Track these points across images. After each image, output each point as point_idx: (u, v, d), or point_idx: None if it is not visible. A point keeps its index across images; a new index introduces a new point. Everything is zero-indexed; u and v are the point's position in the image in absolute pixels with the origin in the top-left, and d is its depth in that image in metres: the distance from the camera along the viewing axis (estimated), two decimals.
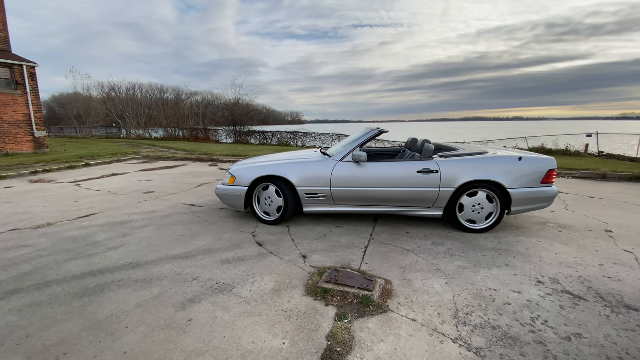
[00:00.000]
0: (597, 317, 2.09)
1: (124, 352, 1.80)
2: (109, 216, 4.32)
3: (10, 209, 4.69)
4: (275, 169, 3.81)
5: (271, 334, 1.94)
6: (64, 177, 7.45)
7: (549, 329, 1.98)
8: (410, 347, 1.83)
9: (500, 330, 1.97)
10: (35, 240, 3.47)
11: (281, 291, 2.41)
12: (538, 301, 2.28)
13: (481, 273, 2.71)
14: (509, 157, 3.61)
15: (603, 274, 2.68)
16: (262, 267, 2.80)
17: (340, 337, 1.90)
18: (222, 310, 2.17)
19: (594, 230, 3.71)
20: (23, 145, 13.06)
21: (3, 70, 12.12)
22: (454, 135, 38.57)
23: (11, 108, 12.49)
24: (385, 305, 2.24)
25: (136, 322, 2.05)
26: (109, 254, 3.08)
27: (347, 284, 2.42)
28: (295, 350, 1.80)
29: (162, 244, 3.32)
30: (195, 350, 1.80)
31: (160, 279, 2.61)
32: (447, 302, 2.27)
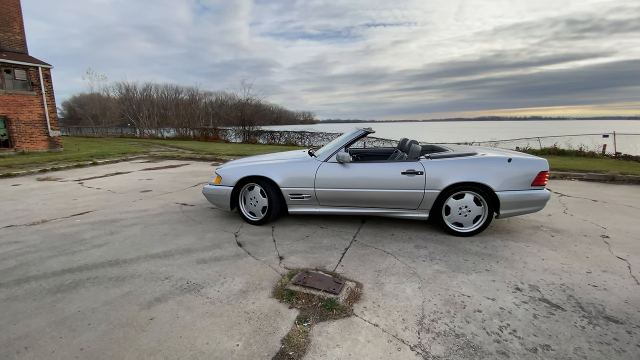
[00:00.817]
0: (571, 328, 1.99)
1: (80, 348, 1.82)
2: (102, 214, 4.42)
3: (11, 206, 4.86)
4: (259, 169, 3.80)
5: (227, 335, 1.93)
6: (70, 176, 7.69)
7: (515, 339, 1.90)
8: (365, 354, 1.78)
9: (464, 338, 1.90)
10: (27, 236, 3.58)
11: (248, 292, 2.40)
12: (511, 309, 2.19)
13: (458, 278, 2.62)
14: (497, 158, 3.49)
15: (588, 282, 2.55)
16: (235, 268, 2.80)
17: (295, 341, 1.87)
18: (185, 310, 2.18)
19: (589, 236, 3.55)
20: (38, 144, 13.57)
21: (19, 72, 12.62)
22: (467, 135, 37.72)
23: (27, 108, 13.00)
24: (350, 308, 2.19)
25: (99, 320, 2.08)
26: (91, 251, 3.15)
27: (314, 286, 2.38)
28: (247, 352, 1.78)
29: (145, 243, 3.37)
30: (149, 349, 1.81)
31: (133, 277, 2.64)
32: (414, 308, 2.21)
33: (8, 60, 12.12)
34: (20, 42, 13.25)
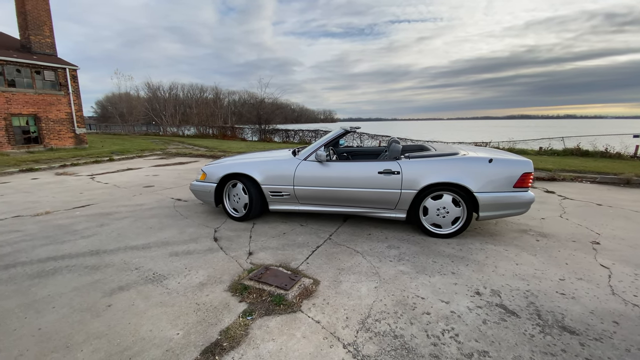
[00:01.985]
0: (518, 336, 1.91)
1: (39, 328, 1.97)
2: (101, 207, 4.69)
3: (24, 198, 5.26)
4: (241, 167, 3.89)
5: (172, 324, 2.02)
6: (86, 171, 8.18)
7: (454, 343, 1.86)
8: (296, 349, 1.81)
9: (401, 340, 1.88)
10: (28, 226, 3.87)
11: (206, 285, 2.49)
12: (462, 313, 2.14)
13: (419, 279, 2.58)
14: (477, 158, 3.38)
15: (558, 289, 2.43)
16: (203, 262, 2.90)
17: (232, 333, 1.93)
18: (142, 299, 2.29)
19: (578, 241, 3.36)
20: (65, 141, 14.47)
21: (49, 73, 13.50)
22: (492, 134, 36.11)
23: (55, 107, 13.89)
24: (298, 305, 2.22)
25: (63, 304, 2.23)
26: (78, 242, 3.36)
27: (268, 282, 2.43)
28: (184, 341, 1.86)
29: (129, 235, 3.55)
30: (96, 333, 1.93)
31: (107, 266, 2.80)
32: (363, 307, 2.21)
33: (38, 62, 13.01)
34: (50, 44, 14.17)
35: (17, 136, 12.91)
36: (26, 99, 12.90)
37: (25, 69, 12.78)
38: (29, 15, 13.30)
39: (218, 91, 45.53)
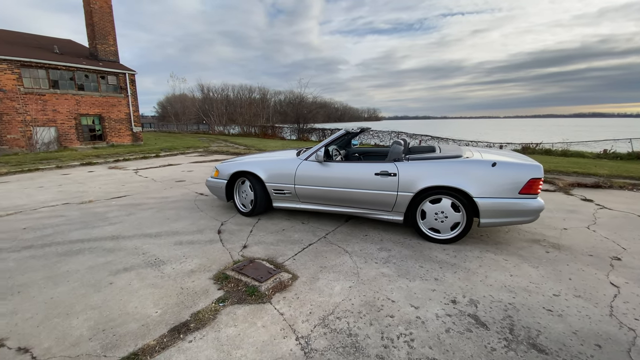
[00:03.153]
0: (478, 348, 1.84)
1: (51, 297, 2.35)
2: (133, 198, 5.27)
3: (76, 188, 6.09)
4: (248, 165, 4.13)
5: (154, 304, 2.27)
6: (133, 165, 9.15)
7: (406, 347, 1.85)
8: (252, 336, 1.94)
9: (354, 338, 1.92)
10: (71, 212, 4.51)
11: (196, 272, 2.73)
12: (427, 319, 2.10)
13: (397, 283, 2.56)
14: (479, 161, 3.21)
15: (546, 305, 2.26)
16: (201, 251, 3.16)
17: (202, 316, 2.12)
18: (138, 280, 2.60)
19: (595, 256, 3.04)
20: (124, 138, 16.21)
21: (111, 78, 15.23)
22: (547, 133, 32.70)
23: (116, 108, 15.62)
24: (269, 297, 2.35)
25: (76, 279, 2.62)
26: (105, 227, 3.85)
27: (247, 273, 2.59)
28: (159, 319, 2.10)
29: (147, 224, 3.97)
30: (93, 305, 2.25)
31: (121, 250, 3.20)
32: (329, 304, 2.27)
33: (103, 68, 14.75)
34: (113, 52, 15.97)
35: (85, 134, 14.79)
36: (92, 101, 14.71)
37: (92, 74, 14.58)
38: (96, 26, 15.13)
39: (265, 91, 47.50)
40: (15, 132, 12.27)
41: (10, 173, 7.75)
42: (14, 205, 4.88)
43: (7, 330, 1.98)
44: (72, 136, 14.28)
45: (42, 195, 5.48)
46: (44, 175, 7.58)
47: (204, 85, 43.11)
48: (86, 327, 2.02)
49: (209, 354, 1.79)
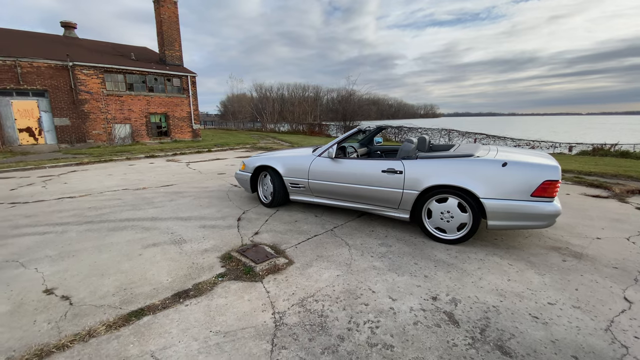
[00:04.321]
0: (439, 342, 1.88)
1: (95, 261, 2.92)
2: (178, 187, 5.99)
3: (136, 177, 7.09)
4: (268, 160, 4.46)
5: (168, 273, 2.69)
6: (186, 159, 10.23)
7: (368, 332, 1.97)
8: (236, 306, 2.23)
9: (324, 319, 2.09)
10: (127, 196, 5.33)
11: (208, 251, 3.12)
12: (400, 311, 2.18)
13: (385, 276, 2.64)
14: (489, 161, 3.09)
15: (534, 312, 2.16)
16: (218, 235, 3.56)
17: (201, 287, 2.47)
18: (161, 254, 3.06)
19: (620, 269, 2.74)
20: (185, 134, 17.99)
21: (176, 80, 17.01)
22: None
23: (179, 107, 17.41)
24: (261, 277, 2.62)
25: (116, 249, 3.19)
26: (149, 210, 4.51)
27: (248, 255, 2.90)
28: (167, 285, 2.50)
29: (183, 209, 4.54)
30: (122, 270, 2.75)
31: (155, 229, 3.75)
32: (312, 289, 2.46)
33: (169, 71, 16.55)
34: (178, 57, 17.81)
35: (153, 130, 16.78)
36: (160, 101, 16.62)
37: (160, 77, 16.46)
38: (165, 34, 17.01)
39: (318, 89, 48.47)
40: (99, 128, 14.48)
41: (90, 163, 9.27)
42: (86, 189, 5.91)
43: (58, 283, 2.55)
44: (143, 132, 16.32)
45: (109, 182, 6.52)
46: (115, 166, 8.92)
47: (259, 85, 45.57)
48: (113, 286, 2.50)
49: (197, 316, 2.12)
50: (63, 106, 13.46)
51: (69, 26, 18.18)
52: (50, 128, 13.42)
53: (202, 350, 1.82)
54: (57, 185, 6.20)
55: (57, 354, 1.78)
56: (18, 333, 1.95)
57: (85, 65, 13.72)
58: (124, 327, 2.01)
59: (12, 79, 12.03)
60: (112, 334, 1.95)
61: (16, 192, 5.65)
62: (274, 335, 1.95)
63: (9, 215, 4.30)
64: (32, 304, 2.25)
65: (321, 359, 1.76)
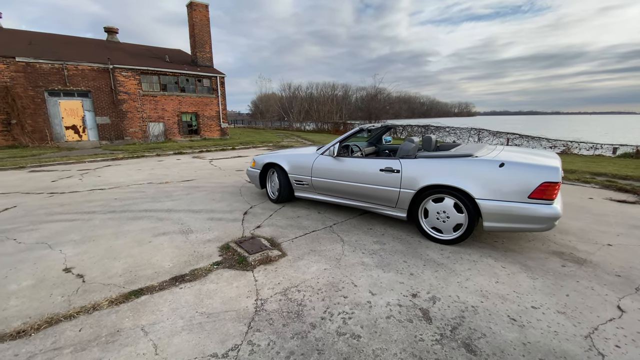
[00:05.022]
0: (406, 337, 1.94)
1: (110, 246, 3.25)
2: (197, 182, 6.36)
3: (162, 171, 7.59)
4: (275, 158, 4.64)
5: (170, 259, 2.94)
6: (211, 156, 10.74)
7: (339, 322, 2.06)
8: (225, 291, 2.41)
9: (301, 308, 2.21)
10: (150, 190, 5.75)
11: (210, 241, 3.35)
12: (376, 305, 2.24)
13: (371, 272, 2.71)
14: (485, 161, 3.03)
15: (513, 314, 2.14)
16: (223, 227, 3.79)
17: (197, 273, 2.68)
18: (168, 242, 3.33)
19: (624, 277, 2.59)
20: (214, 132, 18.80)
21: (206, 80, 17.81)
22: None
23: (209, 107, 18.21)
24: (253, 266, 2.79)
25: (130, 236, 3.51)
26: (167, 202, 4.86)
27: (244, 247, 3.08)
28: (168, 270, 2.73)
29: (196, 202, 4.84)
30: (131, 255, 3.03)
31: (168, 219, 4.06)
32: (298, 280, 2.58)
33: (200, 72, 17.37)
34: (208, 58, 18.62)
35: (184, 128, 17.70)
36: (191, 101, 17.50)
37: (192, 78, 17.32)
38: (197, 37, 17.86)
39: (347, 88, 48.45)
40: (135, 126, 15.56)
41: (124, 158, 10.03)
42: (116, 182, 6.45)
43: (76, 263, 2.88)
44: (175, 130, 17.29)
45: (136, 176, 7.06)
46: (145, 161, 9.59)
47: (287, 84, 46.38)
48: (121, 268, 2.78)
49: (187, 298, 2.32)
50: (104, 106, 14.61)
51: (112, 31, 19.64)
52: (93, 126, 14.63)
53: (186, 327, 2.01)
54: (91, 178, 6.83)
55: (64, 322, 2.05)
56: (36, 303, 2.26)
57: (124, 68, 14.79)
58: (124, 304, 2.26)
59: (60, 80, 13.28)
60: (113, 309, 2.20)
61: (56, 184, 6.30)
62: (252, 319, 2.10)
63: (46, 203, 4.83)
64: (52, 280, 2.57)
65: (290, 342, 1.89)
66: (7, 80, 12.13)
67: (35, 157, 9.92)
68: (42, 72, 12.87)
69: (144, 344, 1.86)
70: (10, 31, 15.93)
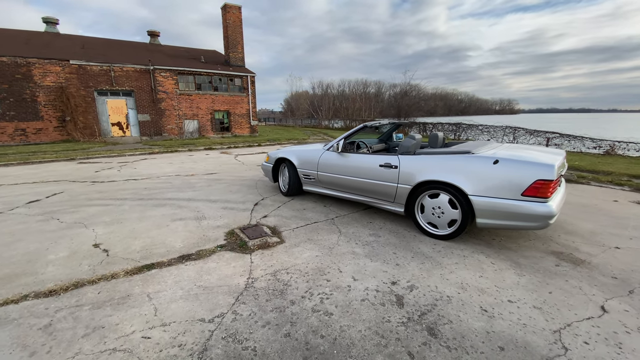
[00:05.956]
0: (374, 317, 2.08)
1: (133, 228, 3.69)
2: (219, 175, 6.81)
3: (190, 165, 8.18)
4: (286, 153, 4.89)
5: (182, 241, 3.29)
6: (237, 152, 11.30)
7: (316, 301, 2.25)
8: (222, 270, 2.69)
9: (286, 287, 2.44)
10: (176, 181, 6.28)
11: (219, 227, 3.67)
12: (355, 289, 2.40)
13: (358, 260, 2.86)
14: (480, 158, 3.05)
15: (485, 306, 2.20)
16: (233, 215, 4.11)
17: (202, 253, 3.00)
18: (183, 226, 3.71)
19: (621, 280, 2.52)
20: (244, 130, 19.58)
21: (237, 80, 18.58)
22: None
23: (239, 105, 18.99)
24: (252, 250, 3.06)
25: (151, 220, 3.94)
26: (188, 192, 5.31)
27: (246, 233, 3.37)
28: (178, 250, 3.08)
29: (215, 193, 5.24)
30: (150, 236, 3.44)
31: (186, 207, 4.47)
32: (288, 264, 2.81)
33: (233, 72, 18.17)
34: (240, 58, 19.40)
35: (216, 126, 18.64)
36: (223, 100, 18.37)
37: (224, 77, 18.17)
38: (230, 38, 18.68)
39: (380, 85, 47.86)
40: (172, 123, 16.69)
41: (159, 152, 10.87)
42: (148, 173, 7.09)
43: (104, 240, 3.32)
44: (208, 127, 18.27)
45: (167, 168, 7.69)
46: (177, 156, 10.34)
47: (320, 82, 46.77)
48: (139, 246, 3.18)
49: (190, 274, 2.64)
50: (145, 104, 15.83)
51: (154, 34, 21.11)
52: (135, 123, 15.92)
53: (183, 296, 2.32)
54: (128, 170, 7.56)
55: (87, 286, 2.44)
56: (67, 270, 2.69)
57: (163, 69, 15.91)
58: (136, 275, 2.62)
59: (107, 81, 14.60)
60: (127, 278, 2.57)
61: (98, 174, 7.07)
62: (240, 293, 2.36)
63: (87, 190, 5.49)
64: (82, 253, 3.02)
65: (268, 314, 2.12)
66: (63, 81, 13.59)
67: (85, 150, 11.07)
68: (92, 74, 14.25)
69: (147, 307, 2.19)
70: (66, 36, 17.73)
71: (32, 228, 3.65)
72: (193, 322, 2.03)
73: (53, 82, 13.48)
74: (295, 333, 1.94)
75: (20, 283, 2.47)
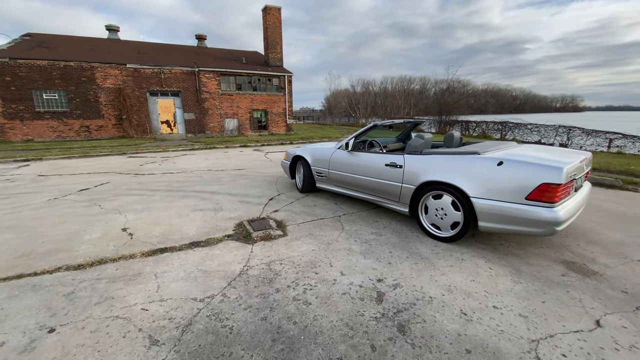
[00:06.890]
0: (350, 310, 2.16)
1: (158, 216, 4.11)
2: (246, 171, 7.21)
3: (223, 161, 8.73)
4: (301, 151, 5.06)
5: (196, 229, 3.62)
6: (268, 149, 11.75)
7: (299, 291, 2.38)
8: (224, 257, 2.94)
9: (275, 276, 2.60)
10: (206, 175, 6.78)
11: (231, 219, 3.96)
12: (340, 283, 2.49)
13: (352, 256, 2.94)
14: (485, 159, 2.94)
15: (466, 310, 2.17)
16: (248, 208, 4.39)
17: (210, 241, 3.29)
18: (200, 217, 4.05)
19: (630, 294, 2.31)
20: (280, 128, 20.21)
21: (275, 80, 19.22)
22: None
23: (276, 104, 19.63)
24: (254, 241, 3.28)
25: (175, 209, 4.35)
26: (214, 186, 5.73)
27: (252, 225, 3.59)
28: (190, 237, 3.40)
29: (237, 187, 5.59)
30: (170, 223, 3.82)
31: (208, 200, 4.84)
32: (284, 256, 2.97)
33: (271, 72, 18.83)
34: (279, 59, 20.00)
35: (255, 124, 19.47)
36: (261, 99, 19.13)
37: (263, 78, 18.90)
38: (269, 39, 19.36)
39: (425, 81, 46.11)
40: (214, 121, 17.79)
41: (199, 149, 11.70)
42: (184, 168, 7.73)
43: (131, 225, 3.77)
44: (247, 125, 19.17)
45: (202, 164, 8.30)
46: (214, 152, 11.05)
47: (357, 80, 46.41)
48: (159, 232, 3.57)
49: (195, 258, 2.92)
50: (190, 104, 17.07)
51: (201, 38, 22.59)
52: (181, 121, 17.24)
53: (184, 277, 2.59)
54: (168, 164, 8.29)
55: (108, 263, 2.83)
56: (97, 249, 3.13)
57: (207, 70, 17.00)
58: (150, 257, 2.97)
59: (158, 82, 15.99)
60: (142, 259, 2.92)
61: (142, 167, 7.86)
62: (233, 279, 2.58)
63: (129, 181, 6.16)
64: (112, 235, 3.47)
65: (253, 299, 2.30)
66: (120, 83, 15.18)
67: (136, 146, 12.29)
68: (145, 76, 15.70)
69: (152, 284, 2.49)
70: (125, 42, 19.69)
71: (77, 212, 4.25)
72: (186, 300, 2.28)
73: (112, 84, 15.11)
74: (272, 318, 2.10)
75: (58, 257, 2.94)
